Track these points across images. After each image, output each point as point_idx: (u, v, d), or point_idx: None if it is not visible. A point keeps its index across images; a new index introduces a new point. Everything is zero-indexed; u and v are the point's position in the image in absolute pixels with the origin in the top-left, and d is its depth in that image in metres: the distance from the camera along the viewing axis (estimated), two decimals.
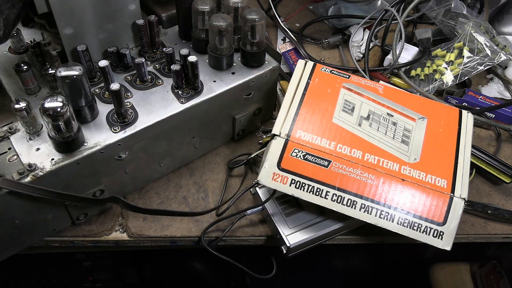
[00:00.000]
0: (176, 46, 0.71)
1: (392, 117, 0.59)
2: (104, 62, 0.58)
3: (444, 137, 0.58)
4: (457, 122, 0.60)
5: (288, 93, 0.59)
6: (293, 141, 0.54)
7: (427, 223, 0.51)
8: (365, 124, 0.57)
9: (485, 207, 0.67)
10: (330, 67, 0.64)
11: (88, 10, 0.60)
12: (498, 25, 0.95)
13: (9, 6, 0.50)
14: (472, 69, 0.81)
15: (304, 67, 0.63)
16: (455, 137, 0.58)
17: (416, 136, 0.58)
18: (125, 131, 0.57)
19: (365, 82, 0.63)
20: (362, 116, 0.58)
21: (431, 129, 0.59)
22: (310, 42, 0.96)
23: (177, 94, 0.62)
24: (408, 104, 0.61)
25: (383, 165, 0.53)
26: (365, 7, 1.01)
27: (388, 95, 0.62)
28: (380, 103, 0.60)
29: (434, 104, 0.62)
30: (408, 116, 0.60)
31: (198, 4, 0.65)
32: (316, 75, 0.62)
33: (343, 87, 0.61)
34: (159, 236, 0.62)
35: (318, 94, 0.60)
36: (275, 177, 0.52)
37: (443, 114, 0.61)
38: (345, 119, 0.57)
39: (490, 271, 0.95)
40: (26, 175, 0.51)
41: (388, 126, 0.58)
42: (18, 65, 0.58)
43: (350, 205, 0.51)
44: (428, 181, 0.53)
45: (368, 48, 0.85)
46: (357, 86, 0.62)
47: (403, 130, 0.58)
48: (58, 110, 0.49)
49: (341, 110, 0.58)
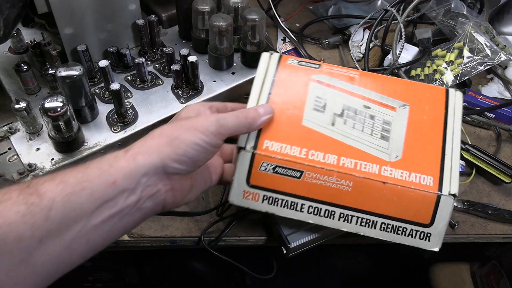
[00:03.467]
0: (176, 46, 0.71)
1: (369, 109, 0.51)
2: (104, 62, 0.58)
3: (429, 125, 0.51)
4: (444, 104, 0.52)
5: (252, 96, 0.51)
6: (260, 154, 0.47)
7: (412, 226, 0.47)
8: (339, 123, 0.50)
9: (485, 207, 0.67)
10: (298, 58, 0.56)
11: (88, 10, 0.60)
12: (498, 25, 0.95)
13: (9, 6, 0.50)
14: (472, 69, 0.81)
15: (269, 62, 0.55)
16: (441, 124, 0.51)
17: (397, 129, 0.50)
18: (125, 131, 0.57)
19: (337, 70, 0.55)
20: (336, 113, 0.51)
21: (414, 118, 0.51)
22: (310, 42, 0.96)
23: (177, 94, 0.62)
24: (387, 90, 0.53)
25: (361, 169, 0.47)
26: (365, 7, 1.00)
27: (364, 82, 0.54)
28: (356, 93, 0.53)
29: (417, 86, 0.54)
30: (388, 106, 0.52)
31: (198, 4, 0.65)
32: (282, 70, 0.54)
33: (313, 81, 0.53)
34: (159, 236, 0.62)
35: (285, 93, 0.52)
36: (245, 195, 0.48)
37: (428, 97, 0.53)
38: (317, 120, 0.50)
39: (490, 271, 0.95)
40: (26, 175, 0.51)
41: (365, 121, 0.50)
42: (18, 65, 0.58)
43: (328, 215, 0.48)
44: (412, 180, 0.47)
45: (368, 48, 0.85)
46: (328, 77, 0.54)
47: (382, 123, 0.50)
48: (58, 110, 0.49)
49: (312, 109, 0.51)
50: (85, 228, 0.34)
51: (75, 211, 0.33)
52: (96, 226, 0.34)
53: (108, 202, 0.35)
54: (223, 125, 0.41)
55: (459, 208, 0.67)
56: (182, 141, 0.38)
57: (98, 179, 0.34)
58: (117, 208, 0.35)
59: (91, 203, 0.34)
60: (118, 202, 0.35)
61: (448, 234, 0.65)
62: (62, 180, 0.34)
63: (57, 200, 0.32)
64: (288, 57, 0.55)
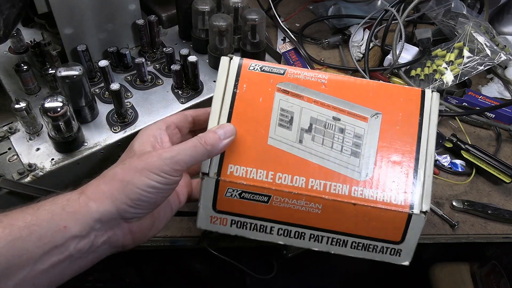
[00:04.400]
0: (176, 46, 0.71)
1: (339, 121, 0.47)
2: (104, 62, 0.58)
3: (402, 136, 0.47)
4: (419, 110, 0.48)
5: (212, 115, 0.46)
6: (225, 180, 0.45)
7: (383, 244, 0.46)
8: (307, 139, 0.47)
9: (485, 207, 0.67)
10: (260, 62, 0.49)
11: (88, 10, 0.60)
12: (498, 25, 0.95)
13: (9, 6, 0.50)
14: (472, 69, 0.81)
15: (229, 69, 0.48)
16: (415, 134, 0.47)
17: (369, 143, 0.47)
18: (125, 131, 0.57)
19: (304, 76, 0.49)
20: (303, 129, 0.47)
21: (387, 128, 0.47)
22: (310, 42, 0.96)
23: (177, 94, 0.62)
24: (358, 96, 0.48)
25: (330, 191, 0.45)
26: (365, 7, 1.00)
27: (333, 89, 0.49)
28: (324, 104, 0.48)
29: (390, 90, 0.49)
30: (359, 116, 0.48)
31: (198, 4, 0.65)
32: (244, 79, 0.48)
33: (278, 90, 0.48)
34: (159, 236, 0.62)
35: (248, 108, 0.47)
36: (213, 220, 0.47)
37: (402, 102, 0.48)
38: (283, 137, 0.47)
39: (490, 271, 0.95)
40: (26, 175, 0.51)
41: (334, 135, 0.47)
42: (18, 65, 0.58)
43: (298, 237, 0.47)
44: (383, 200, 0.45)
45: (368, 48, 0.85)
46: (294, 84, 0.48)
47: (352, 137, 0.47)
48: (58, 110, 0.49)
49: (278, 125, 0.47)
50: (31, 273, 0.32)
51: (21, 257, 0.32)
52: (44, 270, 0.33)
53: (58, 248, 0.33)
54: (178, 161, 0.38)
55: (459, 208, 0.67)
56: (136, 185, 0.36)
57: (48, 223, 0.33)
58: (67, 253, 0.34)
59: (39, 248, 0.32)
60: (68, 247, 0.34)
61: (448, 234, 0.65)
62: (10, 223, 0.32)
63: (2, 245, 0.31)
64: (249, 62, 0.49)
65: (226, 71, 0.49)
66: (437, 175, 0.71)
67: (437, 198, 0.69)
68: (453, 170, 0.72)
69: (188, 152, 0.39)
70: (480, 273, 0.97)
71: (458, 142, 0.73)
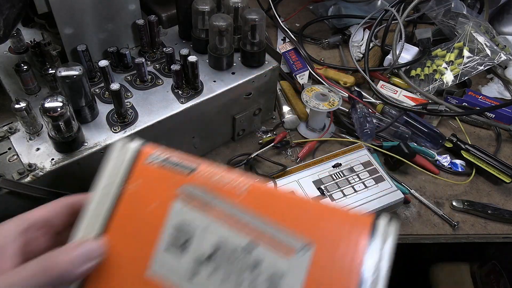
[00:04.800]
0: (176, 46, 0.71)
1: (254, 251, 0.32)
2: (104, 62, 0.58)
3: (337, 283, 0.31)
4: (365, 248, 0.31)
5: (81, 223, 0.34)
6: None
7: None
8: (202, 275, 0.32)
9: (485, 207, 0.67)
10: (165, 153, 0.35)
11: (88, 10, 0.60)
12: (498, 25, 0.95)
13: (9, 6, 0.50)
14: (472, 69, 0.81)
15: (120, 160, 0.36)
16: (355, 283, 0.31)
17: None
18: (125, 131, 0.57)
19: (219, 177, 0.34)
20: (201, 257, 0.32)
21: (316, 271, 0.31)
22: (310, 42, 0.96)
23: (177, 94, 0.62)
24: (289, 216, 0.32)
25: None
26: (365, 7, 1.01)
27: (255, 201, 0.33)
28: (239, 222, 0.33)
29: (333, 214, 0.32)
30: (282, 246, 0.32)
31: (198, 4, 0.65)
32: (140, 174, 0.35)
33: (178, 198, 0.34)
34: None
35: (134, 215, 0.34)
36: None
37: (344, 234, 0.31)
38: (170, 269, 0.32)
39: (490, 271, 0.95)
40: (26, 175, 0.51)
41: (241, 274, 0.31)
42: (18, 65, 0.58)
43: None
44: None
45: (368, 48, 0.85)
46: (205, 189, 0.34)
47: (267, 279, 0.31)
48: (58, 110, 0.49)
49: (166, 249, 0.33)
50: None
51: None
52: None
53: None
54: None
55: (459, 208, 0.67)
56: None
57: None
58: None
59: None
60: None
61: (448, 234, 0.65)
62: None
63: None
64: (150, 151, 0.35)
65: (115, 159, 0.36)
66: (437, 175, 0.71)
67: (437, 198, 0.69)
68: (453, 170, 0.72)
69: (30, 281, 0.28)
70: (480, 273, 0.98)
71: (458, 142, 0.73)
